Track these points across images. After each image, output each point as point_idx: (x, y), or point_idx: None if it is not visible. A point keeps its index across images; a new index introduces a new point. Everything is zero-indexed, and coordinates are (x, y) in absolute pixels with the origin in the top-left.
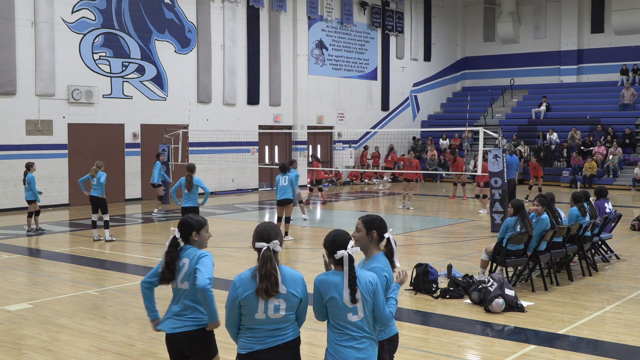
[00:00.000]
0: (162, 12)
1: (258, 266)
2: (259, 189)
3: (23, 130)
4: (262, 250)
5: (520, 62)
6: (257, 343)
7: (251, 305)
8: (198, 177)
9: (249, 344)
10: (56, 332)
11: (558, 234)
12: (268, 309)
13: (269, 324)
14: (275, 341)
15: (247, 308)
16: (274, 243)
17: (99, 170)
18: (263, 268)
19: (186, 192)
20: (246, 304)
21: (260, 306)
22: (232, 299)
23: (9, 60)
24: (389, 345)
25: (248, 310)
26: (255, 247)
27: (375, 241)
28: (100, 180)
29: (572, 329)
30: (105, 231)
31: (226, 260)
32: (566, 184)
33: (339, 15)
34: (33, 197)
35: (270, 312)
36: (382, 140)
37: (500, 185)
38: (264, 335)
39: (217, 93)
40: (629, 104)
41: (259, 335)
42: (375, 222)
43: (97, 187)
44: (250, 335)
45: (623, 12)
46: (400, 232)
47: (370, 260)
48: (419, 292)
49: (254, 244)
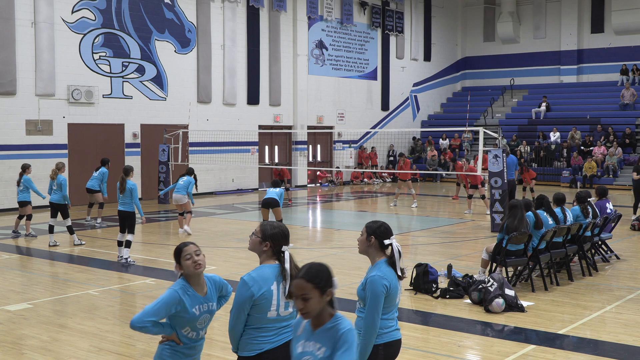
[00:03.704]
0: (162, 12)
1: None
2: (259, 189)
3: (23, 130)
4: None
5: (520, 62)
6: (266, 343)
7: (265, 303)
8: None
9: (258, 345)
10: (56, 332)
11: (558, 234)
12: (280, 307)
13: (279, 321)
14: (284, 338)
15: (260, 307)
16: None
17: (58, 173)
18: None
19: (120, 196)
20: (260, 302)
21: (273, 304)
22: (245, 298)
23: (9, 60)
24: (385, 351)
25: (260, 309)
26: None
27: (374, 247)
28: (61, 185)
29: (572, 329)
30: (72, 236)
31: (226, 260)
32: (566, 184)
33: (339, 15)
34: (27, 199)
35: (282, 310)
36: (382, 140)
37: (500, 185)
38: (273, 333)
39: (217, 93)
40: (629, 104)
41: (268, 335)
42: (376, 228)
43: (57, 191)
44: (258, 335)
45: (623, 12)
46: (400, 232)
47: (372, 267)
48: (419, 292)
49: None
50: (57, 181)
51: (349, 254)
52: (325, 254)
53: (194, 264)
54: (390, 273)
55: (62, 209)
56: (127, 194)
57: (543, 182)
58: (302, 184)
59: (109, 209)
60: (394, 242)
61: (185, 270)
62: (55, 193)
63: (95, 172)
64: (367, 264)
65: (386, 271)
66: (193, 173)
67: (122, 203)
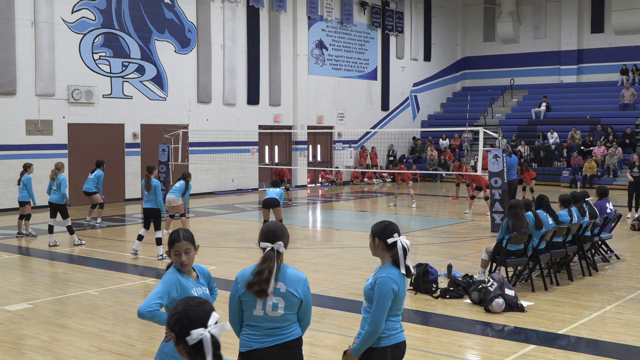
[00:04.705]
0: (162, 12)
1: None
2: (259, 189)
3: (23, 130)
4: (265, 250)
5: (520, 62)
6: (256, 342)
7: (249, 300)
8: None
9: (249, 342)
10: (56, 332)
11: (558, 234)
12: (266, 306)
13: (268, 321)
14: (274, 340)
15: (246, 303)
16: (278, 244)
17: (58, 173)
18: (260, 266)
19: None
20: (245, 298)
21: (259, 301)
22: (232, 293)
23: (9, 60)
24: (393, 352)
25: (247, 306)
26: (260, 247)
27: (380, 248)
28: (60, 184)
29: (572, 329)
30: (72, 236)
31: (226, 260)
32: (566, 184)
33: (339, 15)
34: (27, 198)
35: (269, 310)
36: (382, 140)
37: (500, 185)
38: (263, 333)
39: (217, 93)
40: (629, 104)
41: (258, 334)
42: (378, 229)
43: (57, 191)
44: (250, 332)
45: (623, 12)
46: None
47: (382, 268)
48: (419, 292)
49: (259, 244)
50: (56, 181)
51: (349, 254)
52: (325, 254)
53: (180, 263)
54: (399, 275)
55: (61, 209)
56: (152, 191)
57: (543, 182)
58: (302, 184)
59: (109, 209)
60: (399, 239)
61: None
62: (55, 193)
63: (91, 174)
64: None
65: (396, 273)
66: (186, 178)
67: (147, 200)
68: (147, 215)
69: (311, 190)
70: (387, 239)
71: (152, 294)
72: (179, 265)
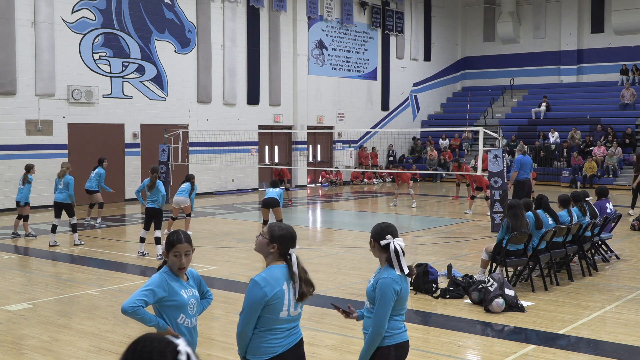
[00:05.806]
0: (162, 12)
1: (298, 271)
2: (259, 189)
3: (23, 130)
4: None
5: (520, 62)
6: (280, 346)
7: (277, 303)
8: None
9: (272, 348)
10: (56, 332)
11: (558, 234)
12: (290, 307)
13: (288, 322)
14: (293, 341)
15: (273, 307)
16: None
17: (66, 173)
18: (306, 275)
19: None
20: (272, 302)
21: (285, 304)
22: (258, 298)
23: (9, 60)
24: (396, 351)
25: (272, 310)
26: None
27: (377, 249)
28: (68, 183)
29: (572, 329)
30: (74, 235)
31: (226, 260)
32: (566, 184)
33: (339, 15)
34: (27, 199)
35: (292, 310)
36: (382, 140)
37: (500, 185)
38: (284, 335)
39: (217, 93)
40: (629, 104)
41: (280, 337)
42: (373, 231)
43: (63, 190)
44: (272, 337)
45: (623, 12)
46: (400, 232)
47: (382, 269)
48: (419, 292)
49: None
50: (64, 180)
51: (349, 254)
52: (325, 254)
53: (180, 266)
54: (400, 275)
55: (67, 207)
56: (154, 191)
57: (543, 182)
58: (302, 184)
59: (109, 209)
60: (393, 241)
61: (170, 263)
62: (61, 192)
63: (93, 172)
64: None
65: (393, 274)
66: (191, 180)
67: (150, 200)
68: (148, 215)
69: (311, 190)
70: (380, 241)
71: (137, 291)
72: (178, 267)
